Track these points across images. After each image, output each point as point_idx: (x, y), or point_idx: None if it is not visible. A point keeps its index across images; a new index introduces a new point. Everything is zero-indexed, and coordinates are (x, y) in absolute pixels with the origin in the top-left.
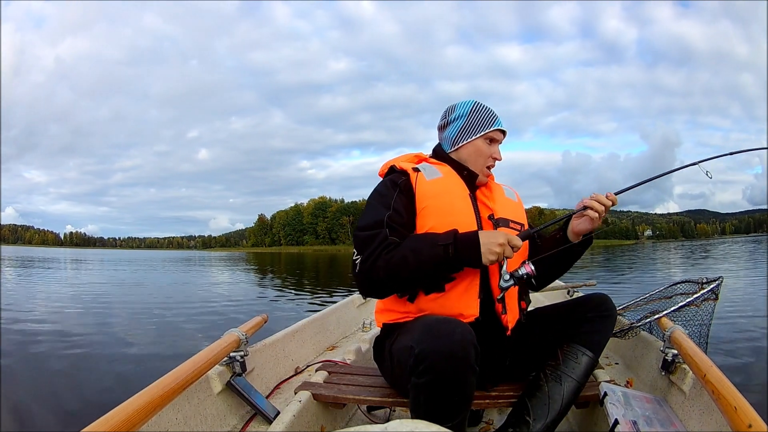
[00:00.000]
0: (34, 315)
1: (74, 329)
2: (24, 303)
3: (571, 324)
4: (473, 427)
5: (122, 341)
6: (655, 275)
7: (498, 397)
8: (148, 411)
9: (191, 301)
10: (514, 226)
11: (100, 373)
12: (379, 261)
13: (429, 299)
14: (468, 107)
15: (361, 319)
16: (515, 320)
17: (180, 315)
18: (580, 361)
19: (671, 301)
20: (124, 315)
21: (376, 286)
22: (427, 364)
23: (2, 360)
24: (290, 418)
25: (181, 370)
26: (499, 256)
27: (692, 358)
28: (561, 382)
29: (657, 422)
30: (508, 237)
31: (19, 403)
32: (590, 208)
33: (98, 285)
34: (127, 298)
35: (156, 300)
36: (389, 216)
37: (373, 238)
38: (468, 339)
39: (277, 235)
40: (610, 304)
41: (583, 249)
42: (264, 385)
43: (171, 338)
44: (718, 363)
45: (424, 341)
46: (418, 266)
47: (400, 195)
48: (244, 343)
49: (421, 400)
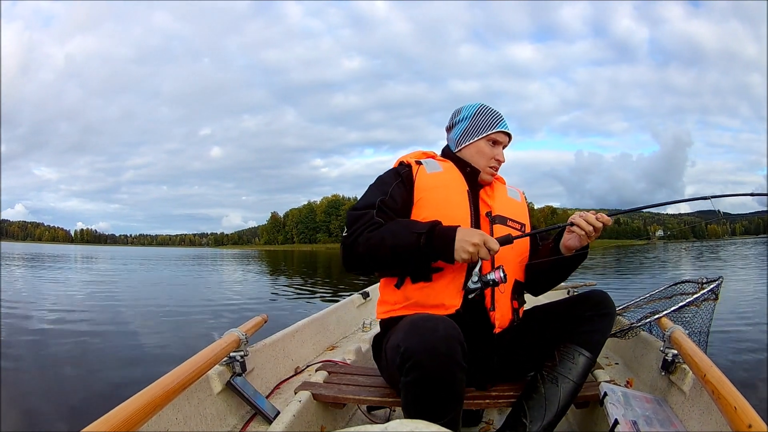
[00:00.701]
0: (43, 313)
1: (83, 326)
2: (32, 300)
3: (569, 323)
4: (473, 427)
5: (130, 340)
6: (658, 278)
7: (498, 397)
8: (148, 411)
9: (204, 299)
10: (513, 224)
11: (107, 371)
12: (360, 237)
13: (416, 288)
14: (473, 110)
15: (361, 319)
16: (507, 320)
17: (190, 314)
18: (577, 361)
19: (671, 301)
20: (131, 313)
21: (356, 261)
22: (412, 361)
23: (11, 358)
24: (290, 418)
25: (181, 370)
26: (472, 255)
27: (692, 358)
28: (558, 384)
29: (657, 422)
30: (484, 238)
31: (28, 401)
32: (577, 225)
33: (105, 284)
34: (136, 294)
35: (164, 299)
36: (382, 200)
37: (361, 216)
38: (452, 335)
39: (290, 232)
40: (609, 302)
41: (575, 263)
42: (264, 385)
43: (180, 338)
44: (718, 363)
45: (409, 339)
46: (393, 248)
47: (399, 184)
48: (244, 343)
49: (410, 399)
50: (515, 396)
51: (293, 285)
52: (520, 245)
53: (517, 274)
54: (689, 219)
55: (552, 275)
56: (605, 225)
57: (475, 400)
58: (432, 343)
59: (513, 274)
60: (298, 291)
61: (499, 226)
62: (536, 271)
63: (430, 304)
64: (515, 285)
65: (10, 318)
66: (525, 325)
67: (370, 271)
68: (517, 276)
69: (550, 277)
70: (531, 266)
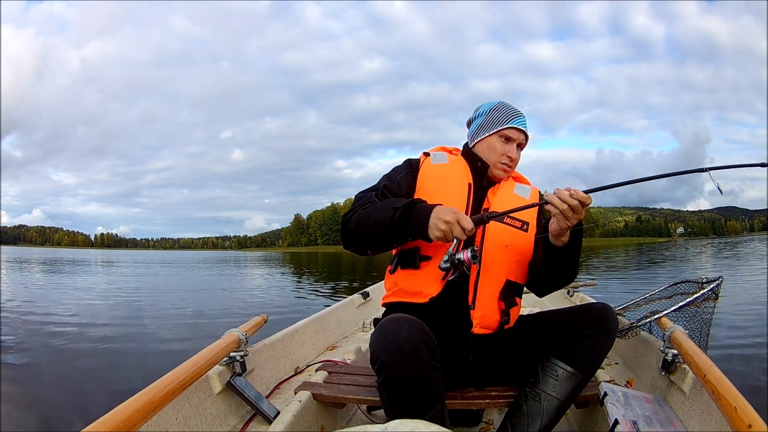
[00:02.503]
0: (61, 318)
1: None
2: (45, 304)
3: (564, 338)
4: (473, 427)
5: (149, 343)
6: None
7: (498, 397)
8: (148, 411)
9: (228, 304)
10: (511, 221)
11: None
12: (354, 215)
13: (404, 274)
14: (489, 106)
15: (361, 319)
16: (492, 320)
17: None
18: (562, 379)
19: (671, 301)
20: (150, 318)
21: (349, 236)
22: (379, 362)
23: (26, 360)
24: (290, 418)
25: (181, 370)
26: (444, 233)
27: (692, 358)
28: (540, 401)
29: (657, 422)
30: (458, 216)
31: (43, 400)
32: (551, 204)
33: (125, 291)
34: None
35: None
36: (386, 185)
37: (362, 197)
38: (415, 335)
39: (313, 234)
40: (609, 317)
41: (568, 255)
42: (264, 385)
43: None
44: (718, 363)
45: (376, 341)
46: (375, 223)
47: (408, 173)
48: (244, 343)
49: (385, 399)
50: (515, 396)
51: (323, 288)
52: (520, 245)
53: (511, 274)
54: (709, 215)
55: (550, 271)
56: (582, 203)
57: (475, 400)
58: (395, 344)
59: (505, 273)
60: (327, 293)
61: (495, 222)
62: (534, 268)
63: (411, 290)
64: (506, 285)
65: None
66: (521, 331)
67: (363, 247)
68: (511, 276)
69: (548, 273)
70: (531, 264)
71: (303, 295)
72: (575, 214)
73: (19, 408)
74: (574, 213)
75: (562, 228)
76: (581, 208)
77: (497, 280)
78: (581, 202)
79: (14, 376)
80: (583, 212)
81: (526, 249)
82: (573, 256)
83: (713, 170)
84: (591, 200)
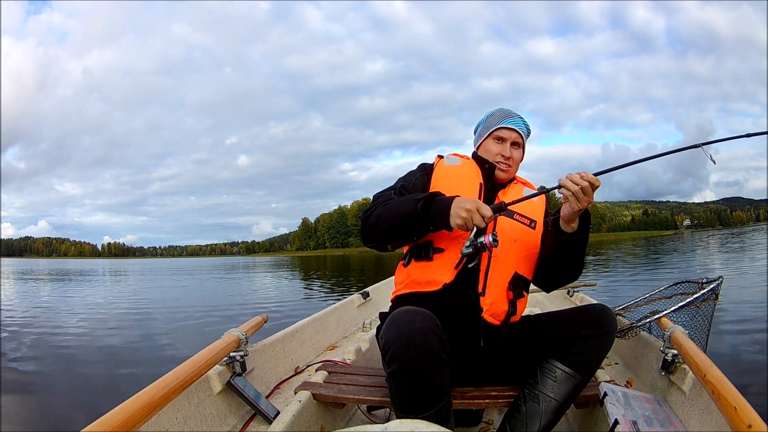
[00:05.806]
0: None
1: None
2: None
3: (563, 339)
4: (473, 427)
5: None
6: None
7: (498, 397)
8: (148, 411)
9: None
10: (520, 219)
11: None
12: (375, 210)
13: (417, 266)
14: (488, 113)
15: (361, 319)
16: (500, 309)
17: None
18: (560, 380)
19: (671, 301)
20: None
21: (369, 233)
22: (391, 353)
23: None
24: (290, 418)
25: (181, 370)
26: (465, 221)
27: (692, 358)
28: (539, 402)
29: (657, 422)
30: (477, 204)
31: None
32: (563, 187)
33: (131, 301)
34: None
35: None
36: (402, 185)
37: (381, 196)
38: (428, 327)
39: (321, 238)
40: (608, 318)
41: (576, 238)
42: (264, 385)
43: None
44: (718, 363)
45: (388, 332)
46: (396, 215)
47: (422, 175)
48: (244, 343)
49: (394, 390)
50: (515, 396)
51: (336, 288)
52: (528, 240)
53: (519, 266)
54: (715, 206)
55: (558, 260)
56: (592, 184)
57: (475, 400)
58: (407, 334)
59: (513, 265)
60: (337, 293)
61: (504, 218)
62: (543, 262)
63: (424, 280)
64: (515, 277)
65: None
66: (521, 331)
67: (383, 241)
68: (519, 269)
69: (556, 262)
70: (539, 258)
71: (310, 295)
72: (586, 196)
73: (26, 411)
74: (585, 195)
75: (574, 210)
76: (591, 190)
77: (506, 271)
78: (591, 183)
79: (23, 381)
80: (593, 195)
81: (534, 245)
82: (581, 243)
83: (705, 145)
84: (599, 182)
